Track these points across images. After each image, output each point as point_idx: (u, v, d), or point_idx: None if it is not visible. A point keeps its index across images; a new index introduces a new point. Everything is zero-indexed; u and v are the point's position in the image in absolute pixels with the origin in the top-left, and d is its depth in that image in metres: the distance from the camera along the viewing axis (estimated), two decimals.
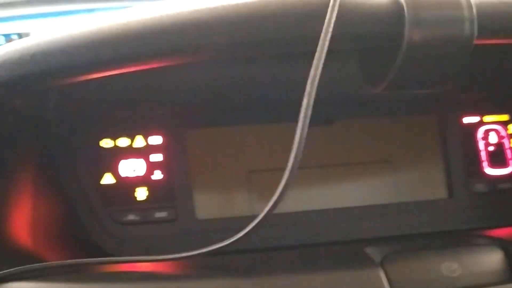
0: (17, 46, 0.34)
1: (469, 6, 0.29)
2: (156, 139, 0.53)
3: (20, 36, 0.62)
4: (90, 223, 0.50)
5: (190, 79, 0.50)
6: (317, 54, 0.29)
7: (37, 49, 0.33)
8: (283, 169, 0.54)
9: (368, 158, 0.55)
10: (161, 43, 0.31)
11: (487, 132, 0.57)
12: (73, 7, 0.91)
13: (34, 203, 0.44)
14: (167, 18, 0.31)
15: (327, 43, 0.29)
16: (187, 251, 0.52)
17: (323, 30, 0.29)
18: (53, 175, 0.49)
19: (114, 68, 0.33)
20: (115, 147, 0.52)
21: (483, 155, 0.57)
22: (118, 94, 0.50)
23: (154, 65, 0.34)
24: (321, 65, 0.30)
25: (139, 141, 0.53)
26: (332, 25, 0.29)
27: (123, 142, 0.53)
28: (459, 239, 0.45)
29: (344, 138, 0.55)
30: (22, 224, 0.44)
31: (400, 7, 0.30)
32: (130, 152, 0.52)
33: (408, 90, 0.33)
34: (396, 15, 0.30)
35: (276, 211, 0.47)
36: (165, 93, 0.52)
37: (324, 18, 0.30)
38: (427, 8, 0.30)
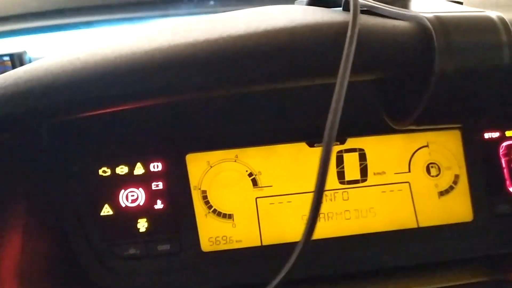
0: (6, 81, 0.31)
1: (507, 29, 0.26)
2: (156, 166, 0.49)
3: (12, 57, 0.59)
4: (88, 258, 0.47)
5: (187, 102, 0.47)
6: (337, 88, 0.26)
7: (29, 86, 0.29)
8: (292, 195, 0.51)
9: (384, 179, 0.51)
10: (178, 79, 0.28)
11: (509, 148, 0.54)
12: (70, 21, 0.87)
13: (24, 239, 0.41)
14: (184, 49, 0.28)
15: (347, 75, 0.25)
16: (192, 286, 0.49)
17: (343, 60, 0.25)
18: (47, 207, 0.46)
19: (115, 106, 0.30)
20: (114, 175, 0.49)
21: (505, 172, 0.53)
22: (114, 123, 0.47)
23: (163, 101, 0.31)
24: (342, 97, 0.26)
25: (139, 169, 0.49)
26: (352, 53, 0.26)
27: (122, 170, 0.49)
28: None
29: (357, 157, 0.52)
30: (9, 266, 0.40)
31: (427, 32, 0.27)
32: (130, 180, 0.49)
33: (436, 125, 0.30)
34: (423, 41, 0.26)
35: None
36: (164, 118, 0.49)
37: (342, 45, 0.27)
38: (458, 32, 0.26)
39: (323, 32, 0.27)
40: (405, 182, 0.51)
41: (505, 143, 0.53)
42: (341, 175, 0.51)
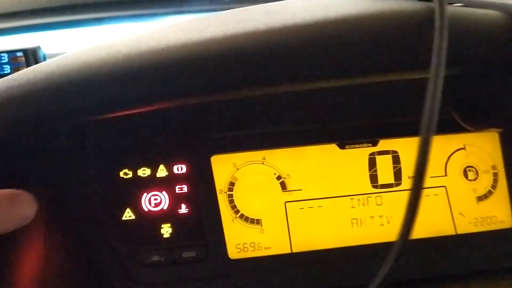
0: (23, 79, 0.28)
1: None
2: (180, 168, 0.47)
3: (25, 52, 0.56)
4: (110, 266, 0.44)
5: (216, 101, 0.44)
6: (431, 85, 0.23)
7: (47, 85, 0.27)
8: (323, 199, 0.49)
9: None
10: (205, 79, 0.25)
11: None
12: (81, 17, 0.85)
13: (45, 246, 0.38)
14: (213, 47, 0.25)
15: (442, 71, 0.22)
16: None
17: (434, 54, 0.23)
18: (67, 213, 0.43)
19: (135, 108, 0.28)
20: (136, 177, 0.46)
21: None
22: (135, 123, 0.44)
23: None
24: (439, 94, 0.23)
25: (162, 171, 0.47)
26: (445, 46, 0.23)
27: (144, 172, 0.46)
28: None
29: (390, 160, 0.49)
30: (30, 274, 0.38)
31: None
32: (152, 183, 0.46)
33: None
34: None
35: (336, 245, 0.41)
36: (188, 118, 0.47)
37: (429, 37, 0.24)
38: None
39: (405, 21, 0.24)
40: (442, 186, 0.49)
41: None
42: (374, 178, 0.49)
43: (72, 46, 0.76)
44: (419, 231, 0.48)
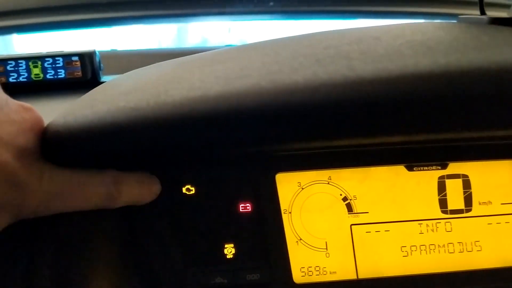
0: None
1: None
2: (244, 186, 0.45)
3: (81, 57, 0.54)
4: (174, 287, 0.42)
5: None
6: None
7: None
8: (390, 223, 0.47)
9: (491, 210, 0.47)
10: None
11: None
12: (121, 15, 0.83)
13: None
14: None
15: None
16: None
17: None
18: (128, 231, 0.42)
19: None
20: (199, 194, 0.44)
21: None
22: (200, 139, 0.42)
23: None
24: None
25: (225, 188, 0.45)
26: None
27: (207, 189, 0.45)
28: None
29: (461, 184, 0.47)
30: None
31: None
32: (215, 200, 0.45)
33: None
34: None
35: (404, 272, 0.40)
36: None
37: None
38: None
39: None
40: None
41: None
42: (443, 203, 0.47)
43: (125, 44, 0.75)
44: (489, 260, 0.46)
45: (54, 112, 0.35)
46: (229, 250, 0.44)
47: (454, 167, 0.47)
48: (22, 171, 0.29)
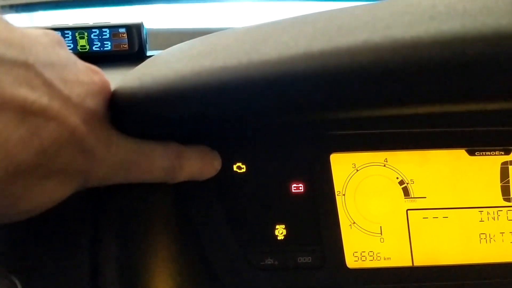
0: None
1: None
2: (297, 165, 0.43)
3: (128, 29, 0.52)
4: (222, 267, 0.41)
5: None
6: None
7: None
8: (449, 209, 0.45)
9: None
10: None
11: None
12: None
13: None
14: None
15: None
16: None
17: None
18: (183, 209, 0.40)
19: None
20: (251, 172, 0.43)
21: None
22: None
23: None
24: None
25: (277, 167, 0.43)
26: None
27: (259, 167, 0.43)
28: None
29: None
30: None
31: None
32: (267, 179, 0.43)
33: None
34: None
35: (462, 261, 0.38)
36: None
37: None
38: None
39: None
40: None
41: None
42: (505, 190, 0.44)
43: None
44: None
45: None
46: (280, 231, 0.43)
47: None
48: (91, 137, 0.28)
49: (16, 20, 0.77)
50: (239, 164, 0.43)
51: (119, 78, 0.31)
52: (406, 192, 0.44)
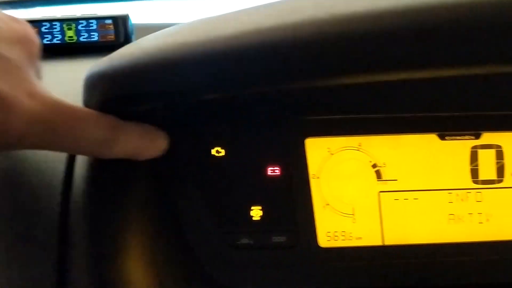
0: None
1: None
2: (273, 149, 0.45)
3: (115, 20, 0.54)
4: (199, 245, 0.43)
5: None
6: None
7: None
8: (419, 191, 0.46)
9: None
10: None
11: None
12: None
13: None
14: None
15: None
16: (306, 283, 0.45)
17: None
18: (161, 191, 0.43)
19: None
20: (229, 156, 0.45)
21: None
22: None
23: None
24: None
25: (254, 151, 0.45)
26: None
27: (236, 151, 0.45)
28: None
29: (494, 155, 0.46)
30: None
31: None
32: (244, 162, 0.45)
33: None
34: None
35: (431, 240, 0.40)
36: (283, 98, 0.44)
37: None
38: None
39: None
40: None
41: None
42: (474, 173, 0.46)
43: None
44: None
45: None
46: (256, 213, 0.45)
47: (488, 137, 0.46)
48: (6, 87, 0.26)
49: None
50: (217, 148, 0.45)
51: None
52: (378, 175, 0.46)
